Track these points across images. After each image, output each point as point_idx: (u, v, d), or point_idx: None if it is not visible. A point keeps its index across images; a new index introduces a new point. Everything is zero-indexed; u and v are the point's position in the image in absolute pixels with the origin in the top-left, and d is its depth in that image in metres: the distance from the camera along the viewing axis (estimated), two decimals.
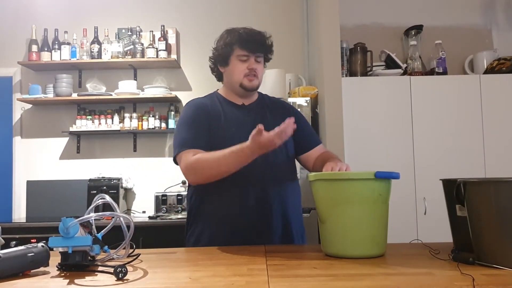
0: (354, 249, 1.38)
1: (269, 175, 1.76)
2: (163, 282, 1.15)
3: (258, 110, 1.88)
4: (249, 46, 1.79)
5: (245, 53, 1.80)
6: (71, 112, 4.16)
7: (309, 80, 4.04)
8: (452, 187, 1.32)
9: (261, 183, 1.75)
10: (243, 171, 1.63)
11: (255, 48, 1.80)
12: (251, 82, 1.82)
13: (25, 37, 4.20)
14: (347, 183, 1.40)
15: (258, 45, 1.81)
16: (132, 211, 4.01)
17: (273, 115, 1.88)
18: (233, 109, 1.85)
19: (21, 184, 4.09)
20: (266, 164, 1.73)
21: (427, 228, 3.30)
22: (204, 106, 1.85)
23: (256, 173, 1.72)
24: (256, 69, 1.81)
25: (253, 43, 1.80)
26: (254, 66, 1.81)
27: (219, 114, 1.82)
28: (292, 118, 1.54)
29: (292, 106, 2.04)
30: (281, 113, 1.87)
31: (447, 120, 3.45)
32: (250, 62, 1.80)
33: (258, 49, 1.81)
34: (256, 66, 1.82)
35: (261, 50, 1.83)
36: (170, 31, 4.07)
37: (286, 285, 1.07)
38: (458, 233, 1.40)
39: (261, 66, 1.85)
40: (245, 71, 1.81)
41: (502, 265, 1.15)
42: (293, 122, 1.53)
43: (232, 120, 1.81)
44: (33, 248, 1.24)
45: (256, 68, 1.81)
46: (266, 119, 1.83)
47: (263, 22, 4.24)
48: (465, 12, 4.08)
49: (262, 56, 1.85)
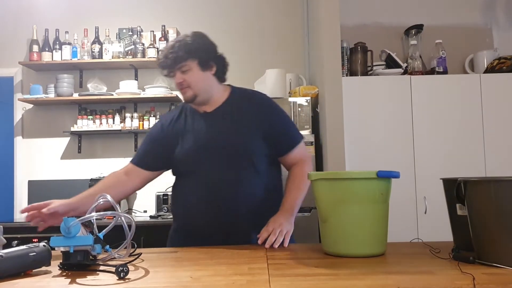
0: (355, 248, 1.38)
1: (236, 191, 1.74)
2: (164, 281, 1.15)
3: (223, 116, 1.81)
4: (163, 65, 1.76)
5: (165, 73, 1.78)
6: (72, 112, 4.16)
7: (309, 79, 4.04)
8: (452, 186, 1.32)
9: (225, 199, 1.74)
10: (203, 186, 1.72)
11: (168, 64, 1.74)
12: (184, 95, 1.78)
13: (26, 37, 4.21)
14: (348, 182, 1.40)
15: (170, 60, 1.73)
16: (134, 211, 4.01)
17: (243, 115, 1.80)
18: (196, 119, 1.82)
19: (23, 184, 4.10)
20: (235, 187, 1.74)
21: (427, 227, 3.31)
22: (167, 123, 1.87)
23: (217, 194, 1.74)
24: (182, 83, 1.75)
25: (165, 61, 1.74)
26: (178, 81, 1.75)
27: (181, 128, 1.82)
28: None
29: (269, 102, 1.88)
30: (254, 111, 1.81)
31: (447, 120, 3.45)
32: (176, 77, 1.76)
33: (171, 65, 1.74)
34: (183, 79, 1.74)
35: (173, 63, 1.73)
36: (171, 31, 4.08)
37: (287, 284, 1.07)
38: (458, 232, 1.41)
39: (190, 74, 1.74)
40: (176, 85, 1.79)
41: (503, 264, 1.16)
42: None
43: (193, 131, 1.80)
44: (34, 247, 1.25)
45: (181, 81, 1.75)
46: (227, 125, 1.78)
47: (263, 22, 4.24)
48: (465, 12, 4.08)
49: (186, 64, 1.73)
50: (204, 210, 1.74)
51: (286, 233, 1.64)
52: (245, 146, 1.75)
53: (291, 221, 1.72)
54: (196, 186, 1.76)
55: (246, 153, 1.75)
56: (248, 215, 1.75)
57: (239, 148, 1.75)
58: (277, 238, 1.60)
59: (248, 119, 1.78)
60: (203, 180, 1.75)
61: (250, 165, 1.76)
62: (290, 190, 1.81)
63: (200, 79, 1.76)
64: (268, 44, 4.23)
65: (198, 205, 1.75)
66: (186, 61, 1.72)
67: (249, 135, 1.76)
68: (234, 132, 1.76)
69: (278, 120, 1.84)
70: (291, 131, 1.87)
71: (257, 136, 1.77)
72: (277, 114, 1.85)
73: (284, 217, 1.70)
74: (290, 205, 1.77)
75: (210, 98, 1.81)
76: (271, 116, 1.82)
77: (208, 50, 1.79)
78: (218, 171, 1.74)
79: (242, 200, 1.74)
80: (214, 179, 1.74)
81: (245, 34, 4.24)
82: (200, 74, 1.75)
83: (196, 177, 1.76)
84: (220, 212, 1.73)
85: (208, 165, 1.74)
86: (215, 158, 1.74)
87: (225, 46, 4.15)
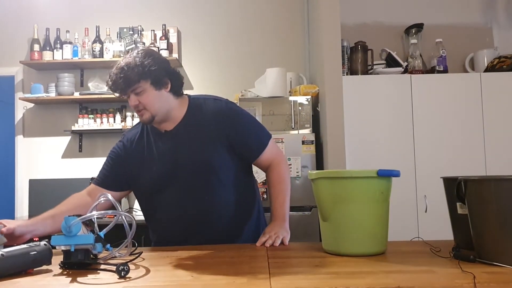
0: (355, 247, 1.38)
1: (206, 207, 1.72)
2: (165, 280, 1.15)
3: (184, 133, 1.74)
4: (114, 88, 1.69)
5: (117, 94, 1.72)
6: (73, 111, 4.17)
7: (310, 78, 4.04)
8: (452, 185, 1.33)
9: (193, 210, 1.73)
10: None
11: (120, 88, 1.67)
12: (141, 117, 1.70)
13: (27, 36, 4.21)
14: (349, 181, 1.40)
15: (122, 84, 1.65)
16: (134, 210, 4.01)
17: (204, 129, 1.73)
18: (157, 138, 1.77)
19: (24, 183, 4.11)
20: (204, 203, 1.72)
21: (428, 226, 3.31)
22: (128, 143, 1.82)
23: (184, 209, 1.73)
24: (138, 105, 1.67)
25: (116, 84, 1.67)
26: (133, 103, 1.67)
27: (144, 149, 1.78)
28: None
29: (227, 110, 1.77)
30: (214, 122, 1.73)
31: (447, 118, 3.45)
32: (130, 99, 1.68)
33: (123, 88, 1.66)
34: (138, 101, 1.66)
35: (126, 87, 1.65)
36: (171, 30, 4.08)
37: (288, 282, 1.07)
38: (459, 231, 1.41)
39: (145, 96, 1.66)
40: (131, 107, 1.73)
41: (503, 263, 1.16)
42: None
43: (157, 152, 1.75)
44: (35, 246, 1.25)
45: (137, 104, 1.67)
46: (189, 143, 1.72)
47: (264, 21, 4.24)
48: (465, 11, 4.07)
49: (139, 86, 1.64)
50: (177, 228, 1.73)
51: (284, 238, 1.63)
52: (210, 162, 1.70)
53: (285, 227, 1.70)
54: (166, 205, 1.74)
55: (211, 168, 1.71)
56: (223, 227, 1.74)
57: (204, 165, 1.70)
58: (274, 241, 1.60)
59: (209, 132, 1.72)
60: (172, 200, 1.72)
61: (216, 179, 1.72)
62: (274, 197, 1.78)
63: (156, 99, 1.67)
64: (269, 43, 4.23)
65: (171, 223, 1.74)
66: (139, 83, 1.64)
67: (212, 150, 1.71)
68: (197, 149, 1.71)
69: (240, 127, 1.76)
70: (256, 135, 1.79)
71: (220, 150, 1.72)
72: (238, 121, 1.76)
73: (279, 226, 1.69)
74: (280, 213, 1.74)
75: (169, 116, 1.73)
76: (232, 124, 1.74)
77: (160, 68, 1.68)
78: (186, 189, 1.71)
79: (215, 215, 1.72)
80: (183, 197, 1.71)
81: (245, 33, 4.24)
82: (154, 94, 1.67)
83: (165, 197, 1.73)
84: (194, 228, 1.72)
85: (176, 184, 1.70)
86: (182, 177, 1.70)
87: (225, 45, 4.20)
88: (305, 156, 3.35)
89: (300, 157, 3.33)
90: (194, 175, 1.69)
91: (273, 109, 3.48)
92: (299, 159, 3.33)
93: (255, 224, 1.86)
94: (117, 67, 1.66)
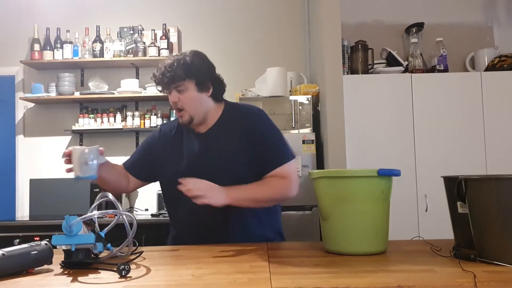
0: (356, 246, 1.38)
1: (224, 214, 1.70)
2: (166, 280, 1.15)
3: (214, 138, 1.78)
4: (159, 82, 1.73)
5: (159, 89, 1.76)
6: (73, 110, 4.17)
7: (310, 78, 4.04)
8: (453, 184, 1.33)
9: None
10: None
11: (164, 82, 1.71)
12: (181, 118, 1.74)
13: (27, 36, 4.21)
14: (350, 180, 1.40)
15: (168, 79, 1.69)
16: (135, 209, 4.02)
17: (233, 136, 1.75)
18: (191, 138, 1.80)
19: (24, 183, 4.11)
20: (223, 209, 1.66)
21: (428, 225, 3.31)
22: (165, 135, 1.86)
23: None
24: (177, 102, 1.71)
25: (162, 78, 1.70)
26: (173, 99, 1.71)
27: (176, 145, 1.80)
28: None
29: (261, 117, 1.80)
30: (245, 128, 1.75)
31: (448, 118, 3.45)
32: (171, 95, 1.72)
33: (167, 83, 1.70)
34: (178, 98, 1.71)
35: (171, 82, 1.69)
36: (171, 29, 4.08)
37: (288, 282, 1.07)
38: (459, 230, 1.41)
39: (186, 94, 1.70)
40: (171, 103, 1.75)
41: (504, 262, 1.16)
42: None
43: (186, 152, 1.78)
44: (36, 246, 1.25)
45: (176, 101, 1.71)
46: (217, 148, 1.75)
47: (264, 20, 4.24)
48: (466, 10, 4.07)
49: (183, 84, 1.69)
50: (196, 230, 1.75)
51: (203, 196, 1.54)
52: (232, 171, 1.72)
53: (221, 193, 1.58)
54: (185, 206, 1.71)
55: (233, 176, 1.70)
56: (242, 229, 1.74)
57: (226, 172, 1.71)
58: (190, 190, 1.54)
59: (237, 139, 1.74)
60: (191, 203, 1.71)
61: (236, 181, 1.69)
62: (255, 183, 1.70)
63: (196, 100, 1.72)
64: (269, 42, 4.23)
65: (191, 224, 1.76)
66: (184, 81, 1.68)
67: (236, 159, 1.72)
68: (223, 156, 1.73)
69: (268, 135, 1.77)
70: (281, 148, 1.77)
71: (244, 159, 1.72)
72: (268, 129, 1.78)
73: (217, 188, 1.59)
74: (235, 189, 1.63)
75: (205, 119, 1.78)
76: (262, 130, 1.76)
77: (207, 71, 1.75)
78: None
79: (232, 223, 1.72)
80: None
81: (246, 33, 4.24)
82: (196, 95, 1.71)
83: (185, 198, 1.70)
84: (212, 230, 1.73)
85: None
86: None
87: (226, 44, 4.20)
88: (306, 156, 3.35)
89: (300, 157, 3.33)
90: (215, 180, 1.63)
91: (274, 109, 3.48)
92: (300, 159, 3.33)
93: (275, 226, 1.85)
94: (166, 63, 1.72)
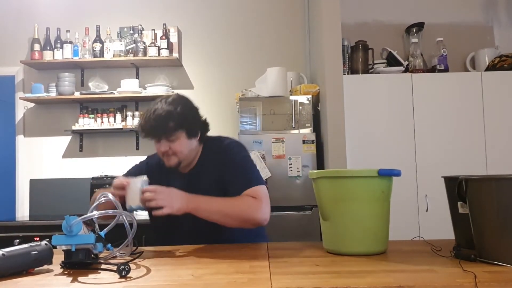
0: (356, 246, 1.38)
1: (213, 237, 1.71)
2: (165, 280, 1.15)
3: (196, 177, 1.80)
4: (148, 132, 1.74)
5: (149, 139, 1.76)
6: (73, 110, 4.16)
7: (310, 78, 4.04)
8: (454, 184, 1.33)
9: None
10: None
11: (156, 133, 1.72)
12: (168, 162, 1.75)
13: (27, 36, 4.21)
14: (350, 180, 1.40)
15: (160, 130, 1.70)
16: None
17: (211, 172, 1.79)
18: (176, 177, 1.81)
19: (24, 183, 4.11)
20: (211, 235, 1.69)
21: (429, 225, 3.31)
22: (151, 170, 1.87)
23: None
24: (167, 151, 1.72)
25: (151, 128, 1.72)
26: (164, 149, 1.72)
27: (160, 178, 1.79)
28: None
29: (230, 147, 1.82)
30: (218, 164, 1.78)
31: (448, 117, 3.45)
32: (161, 145, 1.73)
33: (159, 134, 1.72)
34: (169, 147, 1.72)
35: (162, 134, 1.71)
36: (172, 29, 4.08)
37: (288, 282, 1.07)
38: (460, 230, 1.41)
39: (177, 143, 1.71)
40: (159, 152, 1.76)
41: (504, 262, 1.16)
42: None
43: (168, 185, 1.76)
44: (36, 246, 1.25)
45: (166, 150, 1.72)
46: (198, 186, 1.74)
47: (264, 20, 4.24)
48: (466, 9, 4.07)
49: (174, 134, 1.70)
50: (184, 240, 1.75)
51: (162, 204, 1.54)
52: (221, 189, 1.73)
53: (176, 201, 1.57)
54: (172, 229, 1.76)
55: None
56: None
57: None
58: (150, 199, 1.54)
59: (214, 176, 1.77)
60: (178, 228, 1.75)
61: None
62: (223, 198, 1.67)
63: (187, 147, 1.74)
64: (269, 42, 4.23)
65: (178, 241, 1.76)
66: (176, 132, 1.70)
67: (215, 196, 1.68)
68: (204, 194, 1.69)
69: (237, 160, 1.77)
70: (249, 174, 1.75)
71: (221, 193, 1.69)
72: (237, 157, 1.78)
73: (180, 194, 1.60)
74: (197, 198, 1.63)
75: (191, 161, 1.82)
76: (231, 158, 1.77)
77: (195, 119, 1.78)
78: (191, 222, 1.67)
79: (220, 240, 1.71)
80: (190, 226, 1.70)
81: (246, 33, 4.24)
82: (186, 142, 1.74)
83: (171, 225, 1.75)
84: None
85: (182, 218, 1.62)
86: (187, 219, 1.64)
87: (226, 44, 4.20)
88: (306, 156, 3.35)
89: (300, 157, 3.33)
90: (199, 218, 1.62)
91: (274, 109, 3.48)
92: (300, 159, 3.33)
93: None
94: (155, 112, 1.71)
